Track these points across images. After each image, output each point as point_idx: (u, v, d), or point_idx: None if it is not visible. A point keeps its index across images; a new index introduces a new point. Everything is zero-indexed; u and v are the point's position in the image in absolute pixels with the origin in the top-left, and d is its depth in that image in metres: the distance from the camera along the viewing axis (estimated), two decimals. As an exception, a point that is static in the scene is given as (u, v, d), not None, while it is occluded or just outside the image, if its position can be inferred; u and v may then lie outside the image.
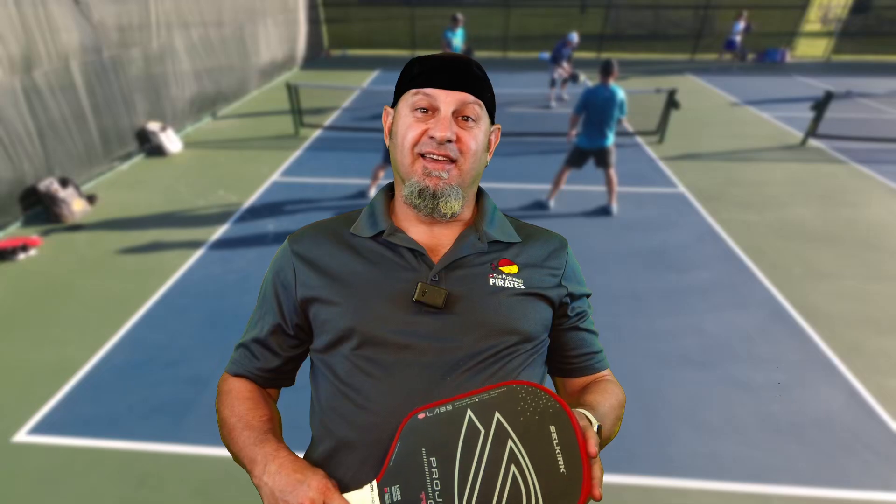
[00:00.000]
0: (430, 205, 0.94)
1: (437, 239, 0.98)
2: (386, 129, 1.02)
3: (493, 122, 1.01)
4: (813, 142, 7.69)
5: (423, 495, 0.77)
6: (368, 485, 0.81)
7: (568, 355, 1.05)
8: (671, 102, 7.35)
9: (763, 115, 9.39)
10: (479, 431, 0.77)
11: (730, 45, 14.29)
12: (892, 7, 16.36)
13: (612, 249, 4.66)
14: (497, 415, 0.77)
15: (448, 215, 0.96)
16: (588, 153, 5.21)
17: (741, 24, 13.92)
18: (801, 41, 16.58)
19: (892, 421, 2.88)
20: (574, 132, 5.36)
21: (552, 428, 0.75)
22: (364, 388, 0.89)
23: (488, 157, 1.01)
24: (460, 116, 0.94)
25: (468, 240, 0.97)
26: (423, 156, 0.93)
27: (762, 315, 3.79)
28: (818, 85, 11.76)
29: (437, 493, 0.77)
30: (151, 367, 3.26)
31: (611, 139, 5.12)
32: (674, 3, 16.47)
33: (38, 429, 2.81)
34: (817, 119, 7.48)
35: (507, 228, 1.02)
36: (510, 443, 0.76)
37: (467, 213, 1.02)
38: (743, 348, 3.45)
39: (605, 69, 4.96)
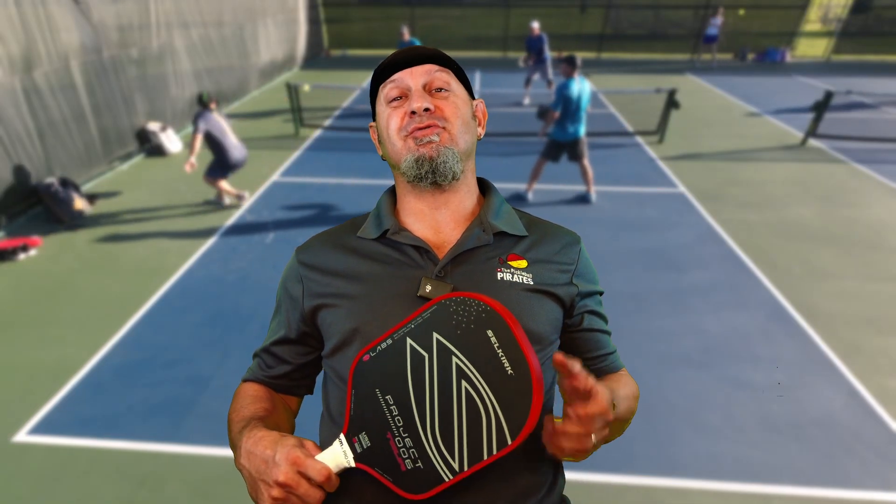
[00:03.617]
0: (429, 170, 0.91)
1: (442, 235, 0.97)
2: (376, 143, 1.02)
3: (472, 97, 1.01)
4: (813, 142, 7.70)
5: (389, 435, 0.78)
6: (336, 440, 0.81)
7: (582, 358, 1.01)
8: (671, 102, 7.35)
9: (763, 115, 9.39)
10: (423, 357, 0.76)
11: (708, 39, 14.35)
12: (892, 7, 16.38)
13: (612, 249, 4.66)
14: (435, 335, 0.76)
15: (449, 177, 0.93)
16: (563, 146, 5.41)
17: (719, 21, 13.99)
18: (801, 41, 16.59)
19: (892, 421, 2.88)
20: (547, 129, 5.50)
21: (489, 332, 0.74)
22: None
23: (481, 131, 1.01)
24: (432, 89, 0.94)
25: (473, 233, 0.95)
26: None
27: (762, 315, 3.79)
28: (818, 85, 11.76)
29: (401, 428, 0.77)
30: (151, 367, 3.26)
31: (583, 130, 5.36)
32: (674, 3, 16.49)
33: (38, 429, 2.81)
34: (817, 119, 7.48)
35: (514, 221, 1.00)
36: (454, 359, 0.75)
37: (470, 203, 1.00)
38: (743, 348, 3.45)
39: (572, 62, 5.19)
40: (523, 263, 0.94)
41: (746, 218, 5.31)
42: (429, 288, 0.88)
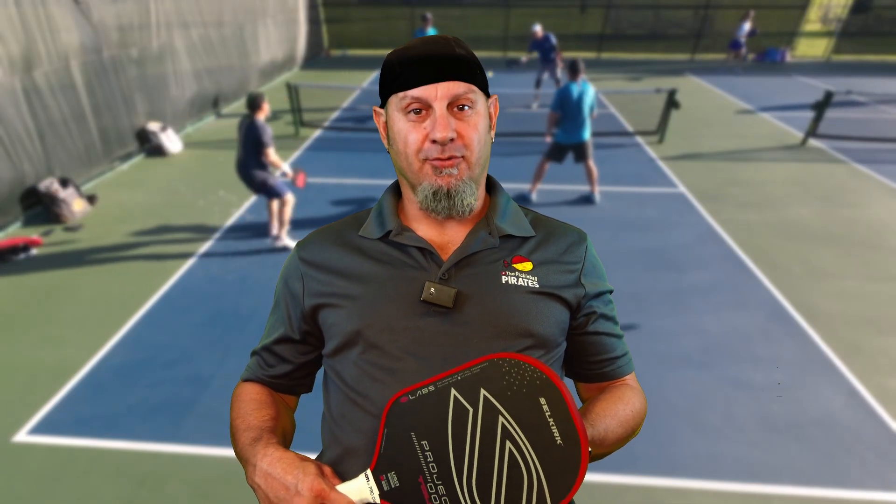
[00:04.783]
0: (446, 205, 0.90)
1: (447, 236, 0.95)
2: (382, 132, 0.99)
3: (488, 95, 0.96)
4: (813, 142, 7.69)
5: (420, 479, 0.77)
6: (363, 474, 0.80)
7: (587, 361, 1.01)
8: (671, 102, 7.35)
9: (763, 115, 9.39)
10: (468, 410, 0.76)
11: (735, 45, 14.21)
12: (892, 7, 16.39)
13: (612, 249, 4.66)
14: (483, 391, 0.75)
15: (466, 212, 0.93)
16: (567, 148, 5.42)
17: (747, 26, 13.79)
18: (801, 41, 16.59)
19: (892, 421, 2.88)
20: (553, 130, 5.53)
21: (542, 400, 0.74)
22: (371, 393, 0.87)
23: (492, 134, 0.98)
24: (455, 107, 0.89)
25: (479, 235, 0.93)
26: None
27: (762, 315, 3.79)
28: (818, 85, 11.75)
29: (434, 475, 0.76)
30: (151, 367, 3.26)
31: (587, 134, 5.36)
32: (674, 3, 16.49)
33: (38, 429, 2.81)
34: (817, 119, 7.48)
35: (520, 222, 0.98)
36: (501, 419, 0.75)
37: (478, 205, 0.98)
38: (743, 348, 3.45)
39: (574, 68, 5.26)
40: (528, 266, 0.93)
41: (746, 218, 5.31)
42: (433, 291, 0.87)
